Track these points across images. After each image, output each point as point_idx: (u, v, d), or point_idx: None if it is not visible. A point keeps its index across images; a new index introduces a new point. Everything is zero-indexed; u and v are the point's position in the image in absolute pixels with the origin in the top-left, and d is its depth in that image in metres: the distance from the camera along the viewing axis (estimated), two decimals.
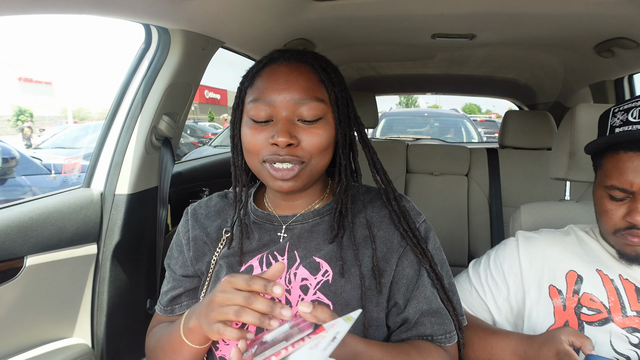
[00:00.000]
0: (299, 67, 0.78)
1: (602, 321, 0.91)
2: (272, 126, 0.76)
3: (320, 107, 0.76)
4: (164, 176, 1.46)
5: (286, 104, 0.75)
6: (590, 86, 2.32)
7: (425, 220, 0.87)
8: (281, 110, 0.75)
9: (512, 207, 2.38)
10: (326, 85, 0.78)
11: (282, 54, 0.80)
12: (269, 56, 0.81)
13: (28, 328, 1.18)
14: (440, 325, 0.81)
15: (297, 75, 0.76)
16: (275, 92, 0.75)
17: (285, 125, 0.74)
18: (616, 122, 0.90)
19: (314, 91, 0.76)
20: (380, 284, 0.79)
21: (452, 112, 7.78)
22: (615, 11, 1.42)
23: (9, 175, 4.88)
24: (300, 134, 0.76)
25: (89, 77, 31.94)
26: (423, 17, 1.66)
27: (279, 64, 0.78)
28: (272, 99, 0.75)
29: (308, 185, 0.82)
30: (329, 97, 0.78)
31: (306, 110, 0.75)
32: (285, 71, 0.77)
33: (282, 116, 0.75)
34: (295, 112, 0.76)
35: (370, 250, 0.81)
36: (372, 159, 0.85)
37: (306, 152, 0.76)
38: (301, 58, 0.79)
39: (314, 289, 0.79)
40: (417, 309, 0.80)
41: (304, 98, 0.75)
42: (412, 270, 0.82)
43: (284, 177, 0.76)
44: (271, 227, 0.86)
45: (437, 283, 0.82)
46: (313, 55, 0.81)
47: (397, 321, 0.82)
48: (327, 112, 0.78)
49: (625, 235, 0.89)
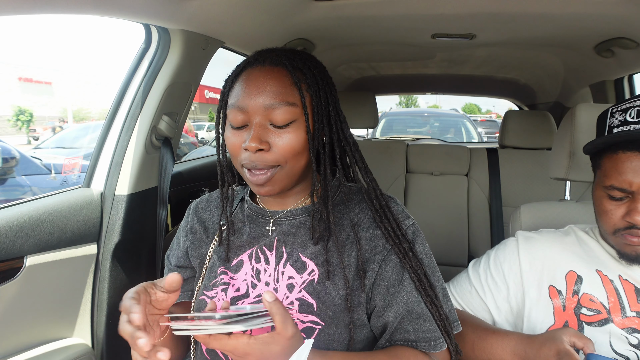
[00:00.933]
0: (272, 71, 0.78)
1: (602, 322, 0.91)
2: (246, 130, 0.78)
3: (291, 110, 0.77)
4: (164, 176, 1.46)
5: (257, 109, 0.76)
6: (590, 86, 2.32)
7: (413, 224, 0.86)
8: (254, 115, 0.77)
9: (512, 207, 2.37)
10: (299, 87, 0.78)
11: (259, 56, 0.81)
12: (247, 59, 0.82)
13: (28, 328, 1.18)
14: (424, 332, 0.79)
15: (268, 80, 0.77)
16: (247, 98, 0.77)
17: (256, 130, 0.76)
18: (614, 122, 0.90)
19: (285, 95, 0.76)
20: (364, 284, 0.80)
21: (452, 112, 7.78)
22: (615, 11, 1.42)
23: (9, 175, 4.88)
24: (272, 138, 0.76)
25: (89, 77, 31.93)
26: (423, 17, 1.66)
27: (254, 68, 0.79)
28: (245, 105, 0.77)
29: (287, 187, 0.82)
30: (302, 100, 0.78)
31: (277, 115, 0.76)
32: (259, 75, 0.78)
33: (255, 122, 0.76)
34: (267, 116, 0.76)
35: (355, 250, 0.81)
36: (354, 157, 0.85)
37: (278, 155, 0.77)
38: (276, 60, 0.79)
39: (299, 287, 0.80)
40: (397, 314, 0.79)
41: (274, 102, 0.76)
42: (395, 273, 0.81)
43: (258, 182, 0.78)
44: (262, 222, 0.88)
45: (419, 286, 0.80)
46: (290, 54, 0.81)
47: (378, 325, 0.81)
48: (300, 115, 0.78)
49: (624, 235, 0.89)
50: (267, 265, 0.83)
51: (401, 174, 2.60)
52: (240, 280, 0.84)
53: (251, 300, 0.82)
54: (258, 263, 0.84)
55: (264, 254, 0.84)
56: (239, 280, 0.84)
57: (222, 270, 0.86)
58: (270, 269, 0.83)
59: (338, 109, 0.83)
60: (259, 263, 0.84)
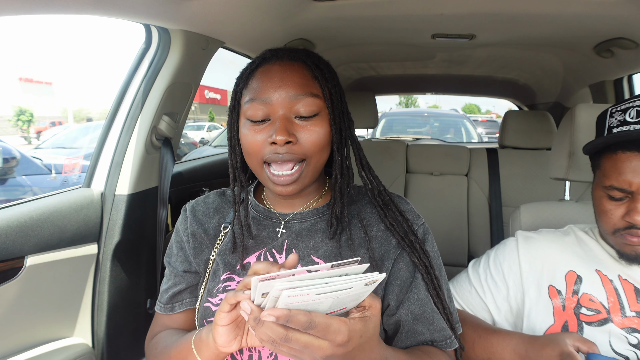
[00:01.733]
0: (292, 65, 0.78)
1: (601, 321, 0.92)
2: (269, 125, 0.76)
3: (316, 102, 0.77)
4: (164, 176, 1.46)
5: (282, 102, 0.75)
6: (590, 86, 2.32)
7: (424, 223, 0.86)
8: (278, 108, 0.76)
9: (512, 207, 2.38)
10: (320, 81, 0.78)
11: (274, 53, 0.80)
12: (261, 56, 0.81)
13: (28, 328, 1.18)
14: (439, 331, 0.80)
15: (291, 73, 0.77)
16: (270, 91, 0.76)
17: (282, 123, 0.74)
18: (614, 122, 0.90)
19: (308, 87, 0.77)
20: None
21: (452, 112, 7.78)
22: (615, 11, 1.42)
23: (9, 175, 4.88)
24: (297, 131, 0.76)
25: (89, 77, 31.92)
26: (423, 17, 1.66)
27: (272, 63, 0.79)
28: (268, 97, 0.76)
29: (309, 185, 0.82)
30: (323, 93, 0.78)
31: (302, 106, 0.76)
32: (279, 69, 0.77)
33: (279, 114, 0.75)
34: (291, 109, 0.76)
35: (367, 250, 0.81)
36: (359, 155, 0.85)
37: (305, 149, 0.76)
38: (293, 56, 0.79)
39: None
40: (409, 312, 0.79)
41: (299, 94, 0.75)
42: (408, 272, 0.81)
43: (284, 183, 0.76)
44: (270, 224, 0.86)
45: (430, 285, 0.81)
46: (305, 52, 0.82)
47: (390, 324, 0.82)
48: (322, 107, 0.78)
49: (624, 235, 0.89)
50: None
51: (401, 174, 2.61)
52: None
53: None
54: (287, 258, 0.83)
55: (274, 257, 0.83)
56: None
57: (228, 276, 0.83)
58: None
59: (347, 108, 0.84)
60: None
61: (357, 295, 0.55)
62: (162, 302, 0.92)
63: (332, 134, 0.79)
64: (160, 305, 0.92)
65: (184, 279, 0.90)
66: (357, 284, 0.53)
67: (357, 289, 0.53)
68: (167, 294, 0.91)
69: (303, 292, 0.51)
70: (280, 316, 0.52)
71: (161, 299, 0.92)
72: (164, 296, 0.92)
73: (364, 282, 0.53)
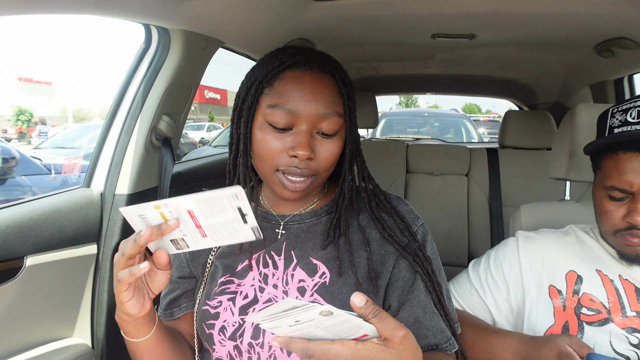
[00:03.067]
0: (323, 78, 0.76)
1: (602, 321, 0.91)
2: (291, 135, 0.75)
3: (339, 122, 0.77)
4: (164, 176, 1.46)
5: (310, 116, 0.74)
6: (590, 86, 2.32)
7: (423, 224, 0.86)
8: (304, 121, 0.74)
9: (512, 207, 2.37)
10: (344, 100, 0.78)
11: (306, 58, 0.77)
12: (291, 58, 0.77)
13: (28, 328, 1.18)
14: (442, 332, 0.80)
15: (322, 88, 0.75)
16: (300, 102, 0.74)
17: (307, 138, 0.73)
18: (615, 122, 0.90)
19: (335, 106, 0.76)
20: (377, 286, 0.79)
21: (452, 112, 7.79)
22: (615, 11, 1.42)
23: (9, 175, 4.88)
24: (316, 147, 0.76)
25: (89, 77, 31.95)
26: (423, 17, 1.66)
27: (303, 71, 0.76)
28: (297, 109, 0.73)
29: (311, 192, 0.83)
30: (345, 112, 0.78)
31: (327, 124, 0.75)
32: (311, 81, 0.75)
33: (304, 129, 0.74)
34: (316, 124, 0.75)
35: (365, 253, 0.81)
36: (362, 167, 0.85)
37: (319, 164, 0.76)
38: (324, 67, 0.77)
39: (311, 290, 0.79)
40: (410, 313, 0.79)
41: (327, 113, 0.74)
42: (409, 273, 0.81)
43: (297, 189, 0.76)
44: (268, 225, 0.86)
45: (430, 286, 0.80)
46: (334, 63, 0.81)
47: None
48: (342, 126, 0.78)
49: (625, 235, 0.89)
50: (276, 270, 0.81)
51: (401, 174, 2.60)
52: (247, 286, 0.82)
53: (260, 305, 0.80)
54: (266, 268, 0.82)
55: (272, 259, 0.82)
56: (246, 287, 0.82)
57: (227, 279, 0.83)
58: (279, 273, 0.81)
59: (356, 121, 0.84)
60: (267, 268, 0.82)
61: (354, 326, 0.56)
62: (162, 307, 0.93)
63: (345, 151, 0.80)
64: (161, 311, 0.93)
65: (179, 285, 0.91)
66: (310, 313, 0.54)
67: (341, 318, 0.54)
68: (165, 300, 0.92)
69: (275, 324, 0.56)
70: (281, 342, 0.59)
71: (161, 305, 0.93)
72: (162, 302, 0.93)
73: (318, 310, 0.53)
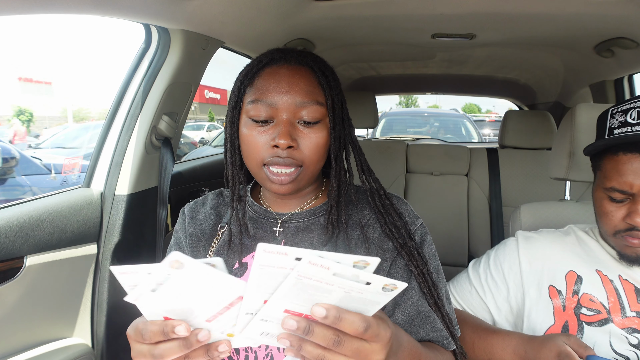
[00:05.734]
0: (300, 70, 0.79)
1: (602, 322, 0.91)
2: (272, 127, 0.77)
3: (320, 110, 0.78)
4: (164, 176, 1.46)
5: (288, 106, 0.76)
6: (590, 86, 2.32)
7: (422, 224, 0.86)
8: (282, 112, 0.76)
9: (512, 207, 2.38)
10: (324, 89, 0.79)
11: (282, 54, 0.80)
12: (269, 56, 0.81)
13: (28, 328, 1.18)
14: (436, 331, 0.80)
15: (298, 78, 0.77)
16: (277, 94, 0.76)
17: (286, 127, 0.75)
18: (615, 123, 0.90)
19: (314, 94, 0.78)
20: None
21: (452, 112, 7.78)
22: (615, 11, 1.42)
23: (9, 175, 4.88)
24: (299, 137, 0.77)
25: (89, 77, 31.96)
26: (423, 17, 1.66)
27: (279, 65, 0.79)
28: (274, 101, 0.76)
29: (305, 187, 0.83)
30: (327, 101, 0.79)
31: (307, 113, 0.76)
32: (287, 73, 0.78)
33: (283, 118, 0.76)
34: (295, 114, 0.77)
35: (364, 251, 0.81)
36: (360, 159, 0.85)
37: (304, 155, 0.77)
38: (301, 60, 0.80)
39: None
40: (405, 313, 0.79)
41: (305, 101, 0.76)
42: (405, 274, 0.81)
43: (283, 182, 0.77)
44: (267, 223, 0.87)
45: (424, 287, 0.80)
46: (312, 57, 0.82)
47: None
48: (325, 115, 0.79)
49: (625, 236, 0.88)
50: None
51: (401, 174, 2.60)
52: None
53: None
54: None
55: None
56: None
57: None
58: None
59: (348, 113, 0.85)
60: None
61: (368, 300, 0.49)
62: None
63: (330, 141, 0.80)
64: None
65: None
66: (377, 282, 0.47)
67: (373, 288, 0.47)
68: None
69: (325, 263, 0.44)
70: (329, 308, 0.46)
71: None
72: None
73: (383, 283, 0.47)
